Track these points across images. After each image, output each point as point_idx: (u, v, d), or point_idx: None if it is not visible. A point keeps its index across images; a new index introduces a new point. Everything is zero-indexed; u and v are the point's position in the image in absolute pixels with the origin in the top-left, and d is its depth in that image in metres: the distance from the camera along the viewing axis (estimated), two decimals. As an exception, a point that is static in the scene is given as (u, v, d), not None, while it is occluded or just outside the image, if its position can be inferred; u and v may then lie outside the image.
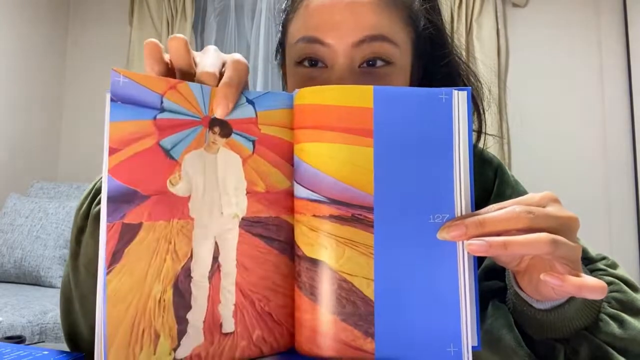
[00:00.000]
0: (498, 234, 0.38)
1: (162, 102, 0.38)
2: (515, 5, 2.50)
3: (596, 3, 2.41)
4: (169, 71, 0.42)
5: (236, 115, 0.41)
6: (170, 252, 0.38)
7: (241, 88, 0.41)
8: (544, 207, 0.40)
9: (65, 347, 0.57)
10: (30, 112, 2.80)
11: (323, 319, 0.40)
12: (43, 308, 1.83)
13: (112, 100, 0.36)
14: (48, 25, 2.92)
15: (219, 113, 0.40)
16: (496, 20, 2.47)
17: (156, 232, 0.38)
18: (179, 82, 0.39)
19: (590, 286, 0.37)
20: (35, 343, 1.63)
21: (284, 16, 0.63)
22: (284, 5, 0.64)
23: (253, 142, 0.42)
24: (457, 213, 0.40)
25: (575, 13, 2.44)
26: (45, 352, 0.46)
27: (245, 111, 0.42)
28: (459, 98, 0.41)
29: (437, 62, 0.63)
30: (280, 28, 0.65)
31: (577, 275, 0.38)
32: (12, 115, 2.69)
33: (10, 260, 2.20)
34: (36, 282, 2.19)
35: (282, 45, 0.65)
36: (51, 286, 2.16)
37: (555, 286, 0.37)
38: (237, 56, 0.43)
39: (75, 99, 3.00)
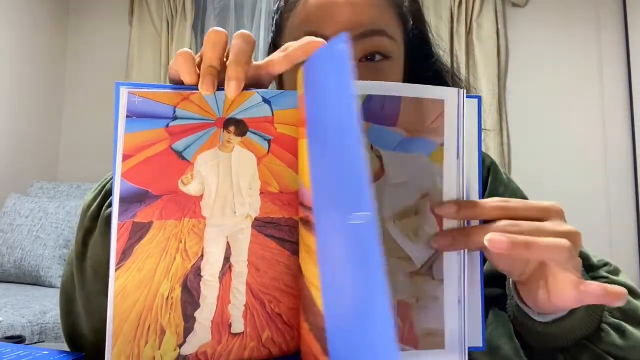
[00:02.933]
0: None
1: (174, 112, 0.39)
2: (515, 5, 2.50)
3: (596, 3, 2.42)
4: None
5: (252, 113, 0.41)
6: (180, 250, 0.39)
7: (248, 64, 0.40)
8: (543, 220, 0.39)
9: (65, 347, 0.57)
10: (30, 112, 2.80)
11: (304, 328, 0.39)
12: (43, 308, 1.83)
13: (127, 116, 0.38)
14: (48, 25, 2.92)
15: (229, 93, 0.38)
16: (496, 20, 2.47)
17: (167, 231, 0.38)
18: (192, 94, 0.40)
19: (614, 293, 0.36)
20: (35, 343, 1.63)
21: (277, 16, 0.64)
22: (276, 6, 0.65)
23: (269, 141, 0.41)
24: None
25: (575, 13, 2.44)
26: (45, 352, 0.46)
27: (262, 110, 0.41)
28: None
29: (424, 61, 0.64)
30: (274, 29, 0.65)
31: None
32: (12, 115, 2.68)
33: (10, 260, 2.20)
34: (36, 282, 2.19)
35: (275, 46, 0.65)
36: (51, 286, 2.16)
37: (585, 295, 0.37)
38: (240, 32, 0.41)
39: (75, 99, 3.00)
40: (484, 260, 0.42)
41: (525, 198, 0.62)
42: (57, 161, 2.98)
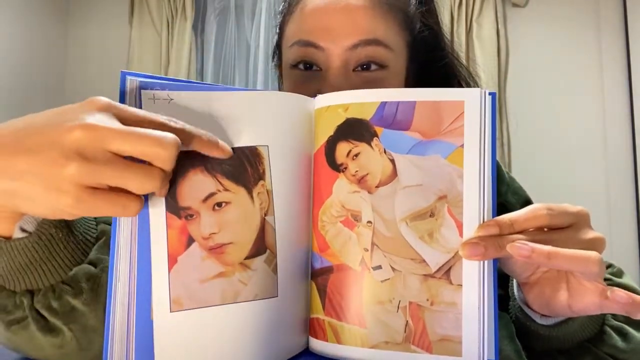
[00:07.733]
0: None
1: None
2: (515, 5, 2.50)
3: (596, 3, 2.41)
4: None
5: None
6: None
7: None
8: (571, 225, 0.39)
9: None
10: (30, 112, 2.78)
11: None
12: (43, 308, 1.82)
13: None
14: (48, 25, 2.91)
15: (223, 155, 0.37)
16: (496, 20, 2.46)
17: None
18: None
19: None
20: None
21: (280, 18, 0.64)
22: (281, 7, 0.64)
23: None
24: (481, 221, 0.38)
25: (575, 13, 2.44)
26: (47, 353, 0.46)
27: None
28: None
29: (434, 64, 0.63)
30: (278, 30, 0.65)
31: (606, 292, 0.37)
32: (12, 115, 2.66)
33: (11, 260, 2.20)
34: (36, 282, 2.18)
35: (279, 47, 0.65)
36: (51, 286, 2.16)
37: (610, 302, 0.36)
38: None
39: (75, 99, 2.96)
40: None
41: (527, 198, 0.62)
42: (57, 161, 2.97)
